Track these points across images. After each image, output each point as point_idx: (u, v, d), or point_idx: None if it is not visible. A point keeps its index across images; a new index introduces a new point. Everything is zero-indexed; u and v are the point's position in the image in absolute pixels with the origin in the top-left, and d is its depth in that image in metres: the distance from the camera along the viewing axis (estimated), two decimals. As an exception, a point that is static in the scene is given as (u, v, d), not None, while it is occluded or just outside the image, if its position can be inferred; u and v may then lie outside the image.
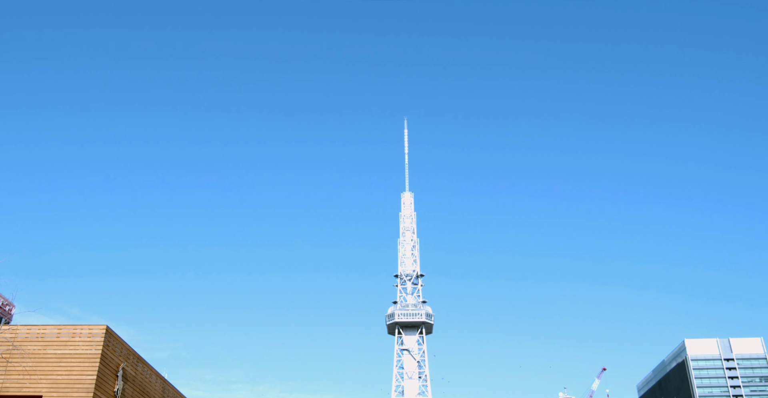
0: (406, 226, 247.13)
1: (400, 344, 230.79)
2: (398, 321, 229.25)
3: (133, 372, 32.67)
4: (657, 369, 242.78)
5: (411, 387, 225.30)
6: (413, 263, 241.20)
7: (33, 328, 29.74)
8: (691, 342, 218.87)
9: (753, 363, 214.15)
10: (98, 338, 29.37)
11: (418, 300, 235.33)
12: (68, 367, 28.71)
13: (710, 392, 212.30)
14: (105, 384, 29.38)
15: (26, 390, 28.37)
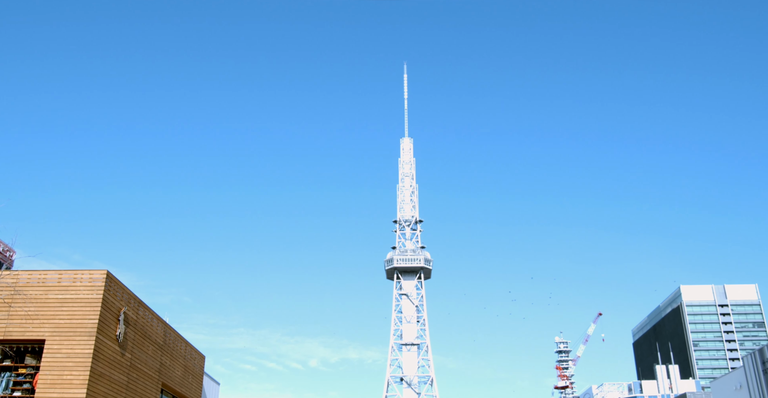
0: (405, 172, 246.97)
1: (398, 289, 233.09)
2: (397, 267, 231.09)
3: (135, 316, 32.96)
4: (652, 314, 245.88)
5: (409, 331, 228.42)
6: (412, 209, 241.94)
7: (34, 273, 29.87)
8: (687, 288, 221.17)
9: (746, 309, 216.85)
10: (99, 283, 29.53)
11: (416, 245, 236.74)
12: (70, 311, 28.94)
13: (704, 337, 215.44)
14: (107, 328, 29.66)
15: (29, 334, 28.65)
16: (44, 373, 27.88)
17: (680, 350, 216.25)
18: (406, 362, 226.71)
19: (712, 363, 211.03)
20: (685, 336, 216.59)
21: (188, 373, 41.82)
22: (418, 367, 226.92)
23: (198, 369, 44.23)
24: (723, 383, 48.30)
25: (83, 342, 28.33)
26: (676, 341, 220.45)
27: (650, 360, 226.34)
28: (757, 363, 41.72)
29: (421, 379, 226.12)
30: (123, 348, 31.37)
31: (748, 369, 42.87)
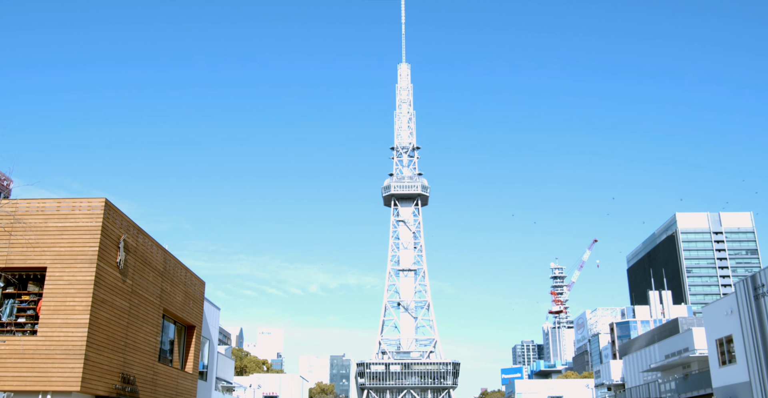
0: (402, 98, 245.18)
1: (396, 215, 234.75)
2: (394, 193, 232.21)
3: (134, 244, 33.20)
4: (647, 241, 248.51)
5: (407, 257, 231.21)
6: (409, 135, 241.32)
7: (33, 202, 29.91)
8: (682, 216, 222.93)
9: (741, 237, 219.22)
10: (98, 211, 29.60)
11: (413, 172, 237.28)
12: (70, 239, 29.10)
13: (697, 263, 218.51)
14: (107, 256, 29.92)
15: (31, 262, 28.90)
16: (47, 300, 28.28)
17: (674, 276, 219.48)
18: (404, 287, 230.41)
19: (705, 289, 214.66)
20: (679, 262, 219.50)
21: (189, 299, 42.43)
22: (415, 292, 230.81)
23: (198, 294, 44.86)
24: (714, 308, 49.11)
25: (84, 269, 28.61)
26: (669, 267, 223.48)
27: (644, 286, 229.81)
28: (749, 289, 42.32)
29: (418, 304, 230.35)
30: (124, 275, 31.73)
31: (740, 295, 43.51)
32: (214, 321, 51.54)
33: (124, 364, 31.63)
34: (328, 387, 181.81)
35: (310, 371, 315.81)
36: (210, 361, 50.40)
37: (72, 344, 27.55)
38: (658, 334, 77.36)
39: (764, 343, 40.55)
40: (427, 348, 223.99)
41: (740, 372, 44.02)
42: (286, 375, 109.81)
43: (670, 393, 58.96)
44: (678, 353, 59.45)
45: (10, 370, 27.19)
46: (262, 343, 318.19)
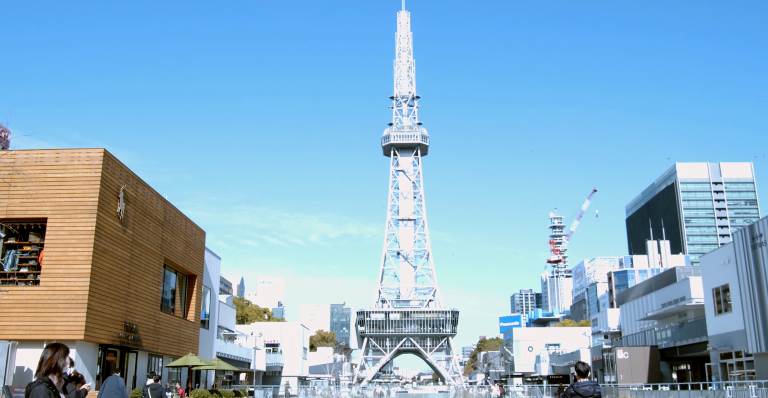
0: (402, 46, 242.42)
1: (395, 165, 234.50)
2: (394, 143, 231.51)
3: (134, 194, 33.25)
4: (646, 191, 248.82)
5: (406, 206, 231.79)
6: (409, 84, 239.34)
7: (31, 153, 29.83)
8: (682, 166, 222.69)
9: (740, 187, 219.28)
10: (97, 161, 29.57)
11: (413, 121, 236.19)
12: (70, 190, 29.13)
13: (696, 213, 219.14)
14: (107, 206, 29.99)
15: (31, 213, 28.98)
16: (49, 250, 28.44)
17: (672, 226, 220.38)
18: (403, 237, 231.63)
19: (703, 239, 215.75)
20: (677, 212, 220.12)
21: (189, 248, 42.69)
22: (414, 242, 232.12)
23: (199, 244, 45.12)
24: (712, 258, 49.45)
25: (85, 219, 28.71)
26: (668, 217, 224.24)
27: (642, 235, 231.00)
28: (746, 238, 42.51)
29: (418, 253, 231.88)
30: (124, 225, 31.85)
31: (738, 245, 43.73)
32: (215, 271, 51.95)
33: (126, 313, 31.98)
34: (328, 335, 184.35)
35: (310, 319, 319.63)
36: (212, 310, 50.96)
37: (74, 293, 27.82)
38: (655, 283, 78.05)
39: (760, 292, 40.94)
40: (427, 296, 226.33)
41: (735, 320, 44.54)
42: (287, 324, 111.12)
43: (666, 341, 59.78)
44: (675, 301, 60.06)
45: (13, 319, 27.51)
46: (263, 292, 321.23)
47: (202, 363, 34.81)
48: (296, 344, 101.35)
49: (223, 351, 65.60)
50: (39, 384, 6.28)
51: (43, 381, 6.30)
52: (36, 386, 6.28)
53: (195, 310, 43.92)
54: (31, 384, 6.36)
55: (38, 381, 6.34)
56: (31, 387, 6.28)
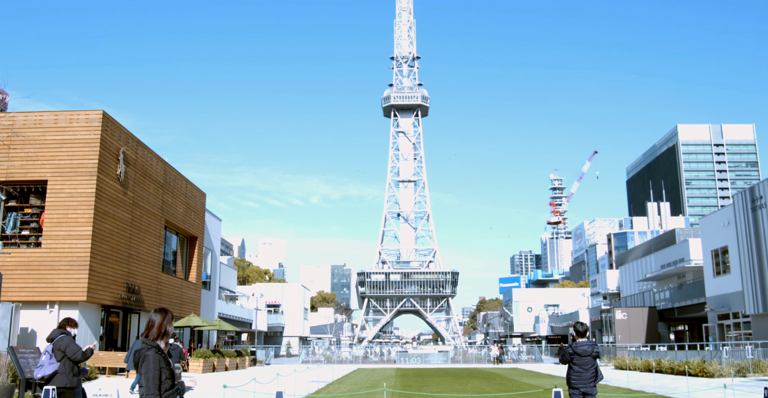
0: (402, 6, 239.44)
1: (395, 126, 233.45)
2: (394, 104, 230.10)
3: (134, 156, 33.18)
4: (647, 152, 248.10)
5: (406, 168, 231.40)
6: (409, 44, 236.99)
7: (30, 115, 29.68)
8: (684, 127, 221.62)
9: (741, 149, 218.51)
10: (96, 123, 29.44)
11: (413, 82, 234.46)
12: (69, 152, 29.06)
13: (697, 175, 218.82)
14: (107, 168, 29.95)
15: (31, 175, 28.94)
16: (50, 212, 28.48)
17: (672, 188, 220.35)
18: (403, 198, 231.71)
19: (703, 201, 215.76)
20: (678, 174, 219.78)
21: (190, 210, 42.75)
22: (414, 203, 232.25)
23: (199, 206, 45.17)
24: (711, 220, 49.49)
25: (85, 181, 28.69)
26: (669, 179, 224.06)
27: (642, 197, 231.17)
28: (746, 200, 42.49)
29: (418, 215, 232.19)
30: (124, 187, 31.84)
31: (738, 207, 43.72)
32: (216, 232, 52.08)
33: (128, 274, 32.15)
34: (329, 296, 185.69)
35: (311, 280, 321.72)
36: (213, 271, 51.23)
37: (76, 255, 27.92)
38: (654, 245, 78.33)
39: (759, 254, 41.09)
40: (427, 257, 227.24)
41: (734, 282, 44.78)
42: (288, 284, 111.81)
43: (664, 302, 60.21)
44: (674, 263, 60.32)
45: (16, 281, 27.65)
46: (264, 254, 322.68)
47: (204, 323, 35.09)
48: (297, 305, 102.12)
49: (224, 311, 66.13)
50: (149, 350, 6.31)
51: (153, 346, 6.34)
52: (147, 351, 6.31)
53: (196, 271, 44.16)
54: (141, 350, 6.40)
55: (148, 346, 6.37)
56: (142, 353, 6.32)
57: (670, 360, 35.63)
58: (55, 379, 10.34)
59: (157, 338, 6.42)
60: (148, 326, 6.50)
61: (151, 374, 6.20)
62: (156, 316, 6.52)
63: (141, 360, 6.30)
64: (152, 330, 6.46)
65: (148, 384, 6.18)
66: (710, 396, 20.53)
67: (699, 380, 28.57)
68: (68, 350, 10.45)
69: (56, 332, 10.70)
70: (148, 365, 6.24)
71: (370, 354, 69.12)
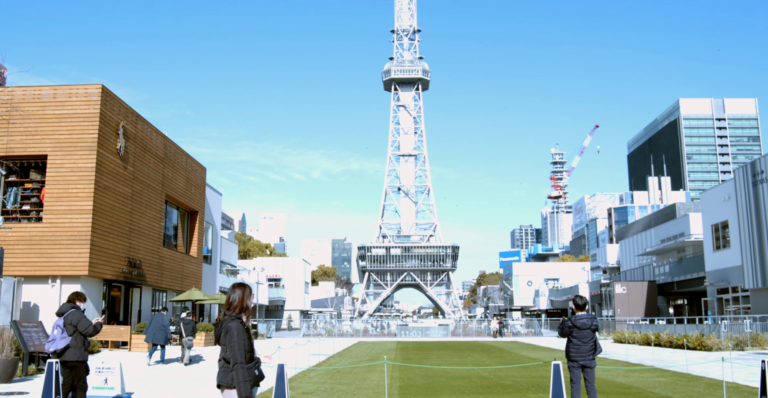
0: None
1: (396, 100, 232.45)
2: (394, 77, 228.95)
3: (134, 130, 33.10)
4: (649, 127, 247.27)
5: (407, 142, 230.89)
6: (410, 17, 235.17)
7: (28, 89, 29.55)
8: (685, 102, 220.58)
9: (743, 123, 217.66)
10: (95, 97, 29.32)
11: (414, 55, 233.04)
12: (69, 127, 28.98)
13: (698, 150, 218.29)
14: (107, 142, 29.89)
15: (31, 150, 28.89)
16: (50, 187, 28.47)
17: (674, 162, 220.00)
18: (404, 172, 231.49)
19: (704, 175, 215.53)
20: (679, 148, 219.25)
21: (190, 185, 42.74)
22: (415, 177, 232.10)
23: (200, 180, 45.16)
24: (712, 194, 49.48)
25: (85, 156, 28.65)
26: (670, 154, 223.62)
27: (643, 171, 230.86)
28: (747, 175, 42.45)
29: (418, 189, 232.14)
30: (125, 162, 31.81)
31: (738, 181, 43.70)
32: (217, 207, 52.13)
33: (129, 249, 32.23)
34: (330, 270, 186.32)
35: (312, 254, 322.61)
36: (214, 245, 51.36)
37: (77, 230, 27.98)
38: (655, 219, 78.41)
39: (759, 228, 41.15)
40: (427, 232, 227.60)
41: (733, 256, 44.91)
42: (289, 259, 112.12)
43: (664, 276, 60.43)
44: (674, 237, 60.44)
45: (18, 256, 27.74)
46: (265, 228, 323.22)
47: (205, 297, 35.24)
48: (298, 278, 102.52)
49: (225, 285, 66.39)
50: (232, 321, 6.49)
51: (237, 317, 6.53)
52: (230, 322, 6.49)
53: (197, 246, 44.27)
54: (224, 322, 6.58)
55: (231, 317, 6.55)
56: (225, 325, 6.50)
57: (669, 334, 35.83)
58: (68, 353, 10.51)
59: (239, 312, 6.60)
60: (229, 301, 6.69)
61: (236, 344, 6.39)
62: (236, 291, 6.70)
63: (224, 332, 6.48)
64: (234, 305, 6.65)
65: (234, 354, 6.38)
66: (708, 369, 20.69)
67: (697, 353, 28.77)
68: (80, 324, 10.59)
69: (66, 306, 10.80)
70: (233, 336, 6.42)
71: (370, 327, 69.53)
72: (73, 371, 10.58)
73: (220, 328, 6.56)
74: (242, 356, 6.36)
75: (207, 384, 17.29)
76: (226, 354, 6.44)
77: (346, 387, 16.09)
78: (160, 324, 23.99)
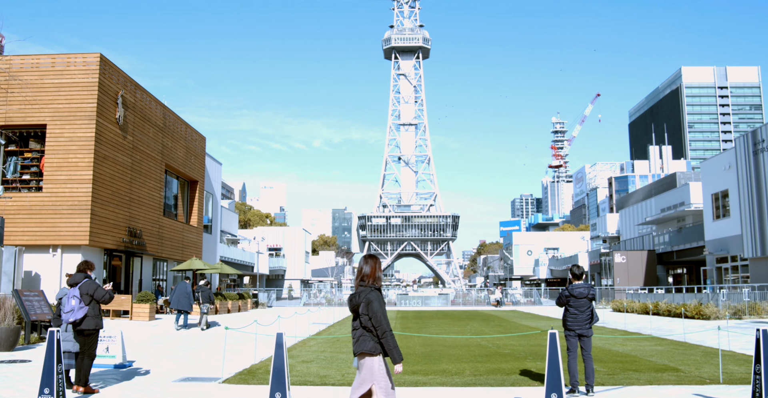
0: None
1: (396, 69, 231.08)
2: (395, 46, 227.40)
3: (133, 100, 32.96)
4: (650, 95, 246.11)
5: (407, 111, 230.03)
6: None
7: (27, 58, 29.34)
8: (688, 70, 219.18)
9: (746, 92, 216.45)
10: (93, 66, 29.13)
11: (415, 24, 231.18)
12: (68, 96, 28.83)
13: (699, 118, 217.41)
14: (106, 112, 29.77)
15: (30, 119, 28.78)
16: (50, 156, 28.43)
17: (675, 131, 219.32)
18: (404, 142, 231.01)
19: (706, 144, 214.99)
20: (681, 117, 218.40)
21: (190, 154, 42.68)
22: (415, 146, 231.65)
23: (199, 150, 45.07)
24: (712, 163, 49.45)
25: (84, 125, 28.55)
26: (671, 122, 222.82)
27: (644, 140, 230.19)
28: (748, 144, 42.36)
29: (419, 158, 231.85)
30: (124, 131, 31.72)
31: (739, 150, 43.63)
32: (217, 176, 52.13)
33: (129, 218, 32.30)
34: (330, 240, 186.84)
35: (312, 224, 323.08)
36: (214, 215, 51.45)
37: (78, 199, 28.00)
38: (655, 188, 78.43)
39: (759, 198, 41.17)
40: (427, 201, 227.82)
41: (733, 225, 45.01)
42: (290, 228, 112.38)
43: (664, 245, 60.62)
44: (674, 207, 60.54)
45: (19, 226, 27.80)
46: (265, 197, 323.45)
47: (206, 267, 35.39)
48: (299, 248, 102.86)
49: (226, 255, 66.68)
50: (372, 292, 6.78)
51: (376, 288, 6.85)
52: (370, 293, 6.78)
53: (197, 215, 44.34)
54: (362, 292, 6.86)
55: (371, 288, 6.84)
56: (364, 296, 6.78)
57: (668, 303, 36.05)
58: (86, 322, 10.70)
59: (373, 282, 6.88)
60: (362, 272, 6.98)
61: (380, 314, 6.69)
62: (369, 262, 6.97)
63: (366, 303, 6.75)
64: (367, 275, 6.92)
65: (380, 323, 6.66)
66: (705, 337, 20.85)
67: (695, 322, 28.97)
68: (96, 293, 10.76)
69: (80, 276, 10.92)
70: (374, 306, 6.71)
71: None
72: (88, 339, 10.79)
73: (359, 299, 6.82)
74: (388, 324, 6.67)
75: (206, 351, 17.44)
76: (367, 323, 6.73)
77: (345, 356, 16.24)
78: (184, 292, 25.75)
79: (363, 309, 6.74)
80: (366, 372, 6.66)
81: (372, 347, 6.65)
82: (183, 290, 25.96)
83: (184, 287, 26.10)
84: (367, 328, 6.71)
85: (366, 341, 6.69)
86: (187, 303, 25.71)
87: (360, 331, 6.77)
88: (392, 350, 6.59)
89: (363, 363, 6.70)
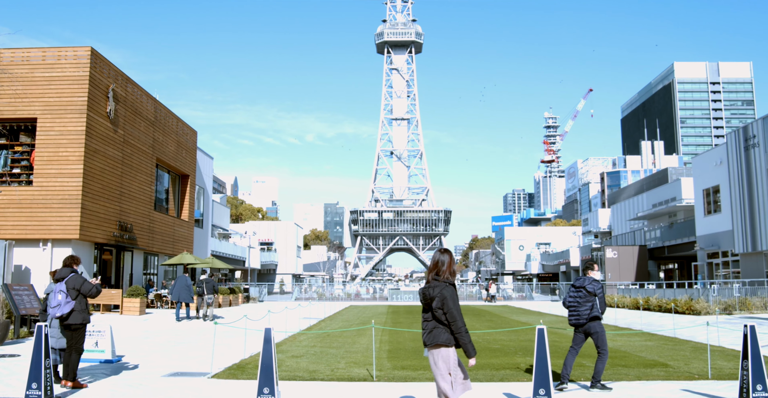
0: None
1: (389, 63, 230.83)
2: (388, 40, 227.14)
3: (124, 93, 32.82)
4: (643, 90, 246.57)
5: (399, 105, 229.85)
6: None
7: (17, 51, 29.17)
8: (680, 65, 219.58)
9: (738, 87, 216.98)
10: (84, 60, 29.00)
11: (408, 18, 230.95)
12: (58, 89, 28.69)
13: (692, 114, 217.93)
14: (97, 106, 29.65)
15: (20, 113, 28.63)
16: (40, 150, 28.30)
17: (667, 127, 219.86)
18: (397, 136, 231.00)
19: (698, 140, 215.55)
20: (673, 113, 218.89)
21: (181, 148, 42.56)
22: (408, 141, 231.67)
23: (191, 144, 44.95)
24: (704, 158, 49.56)
25: (75, 119, 28.43)
26: (664, 118, 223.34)
27: (637, 136, 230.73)
28: (740, 139, 42.47)
29: (411, 153, 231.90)
30: (115, 125, 31.60)
31: (731, 146, 43.74)
32: (208, 170, 52.01)
33: (120, 212, 32.20)
34: (322, 234, 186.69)
35: (304, 218, 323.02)
36: (205, 209, 51.34)
37: (68, 193, 27.89)
38: (647, 184, 78.63)
39: (750, 193, 41.31)
40: (420, 196, 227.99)
41: (724, 220, 45.16)
42: (281, 222, 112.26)
43: (655, 241, 60.80)
44: (665, 202, 60.69)
45: (9, 219, 27.69)
46: (257, 192, 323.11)
47: (197, 261, 35.32)
48: (290, 242, 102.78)
49: (217, 249, 66.57)
50: (446, 288, 6.97)
51: (450, 283, 7.02)
52: (445, 288, 6.96)
53: (189, 209, 44.25)
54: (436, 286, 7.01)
55: (446, 283, 7.00)
56: (439, 291, 6.96)
57: (659, 298, 36.16)
58: (72, 316, 10.67)
59: (448, 276, 7.04)
60: (437, 265, 7.12)
61: (455, 310, 6.90)
62: (445, 256, 7.13)
63: (440, 299, 6.93)
64: (443, 269, 7.08)
65: (456, 319, 6.89)
66: (695, 333, 20.93)
67: (685, 317, 29.06)
68: (83, 288, 10.73)
69: (66, 271, 10.88)
70: (449, 304, 6.91)
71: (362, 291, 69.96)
72: (75, 333, 10.75)
73: (433, 293, 6.99)
74: (462, 321, 6.89)
75: (196, 346, 17.41)
76: (441, 317, 6.93)
77: (335, 351, 16.23)
78: (185, 285, 26.94)
79: (437, 304, 6.96)
80: (442, 362, 6.94)
81: (447, 339, 6.92)
82: (183, 283, 27.03)
83: (184, 281, 27.18)
84: (440, 321, 6.97)
85: (440, 333, 6.95)
86: (187, 295, 26.78)
87: (433, 323, 7.03)
88: (467, 345, 6.88)
89: (439, 355, 6.97)
